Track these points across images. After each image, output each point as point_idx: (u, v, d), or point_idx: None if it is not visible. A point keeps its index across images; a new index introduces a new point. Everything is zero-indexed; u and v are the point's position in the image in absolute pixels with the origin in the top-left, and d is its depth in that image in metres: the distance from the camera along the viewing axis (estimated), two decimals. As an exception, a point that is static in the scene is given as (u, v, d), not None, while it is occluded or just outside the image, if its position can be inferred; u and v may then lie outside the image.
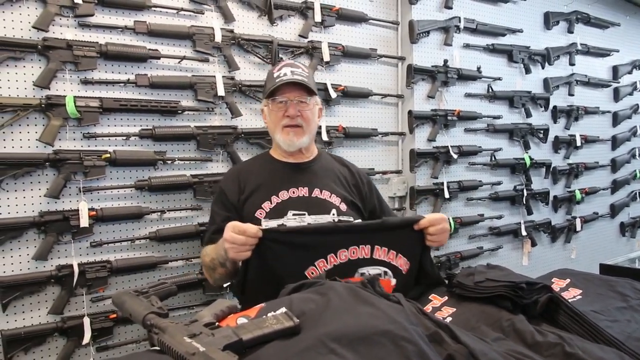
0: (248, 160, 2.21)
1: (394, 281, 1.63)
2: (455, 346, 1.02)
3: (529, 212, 3.76)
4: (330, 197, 1.89)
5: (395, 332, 0.93)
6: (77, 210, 2.05)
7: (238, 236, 1.51)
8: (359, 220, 1.90)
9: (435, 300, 1.55)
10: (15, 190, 1.98)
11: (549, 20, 3.86)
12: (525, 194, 3.68)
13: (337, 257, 1.58)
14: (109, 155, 2.12)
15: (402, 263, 1.65)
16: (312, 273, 1.55)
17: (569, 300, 1.46)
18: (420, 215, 1.70)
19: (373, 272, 1.60)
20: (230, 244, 1.53)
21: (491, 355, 1.05)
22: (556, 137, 3.98)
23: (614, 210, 4.57)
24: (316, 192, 1.89)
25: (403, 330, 0.94)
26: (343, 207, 1.89)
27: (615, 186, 4.57)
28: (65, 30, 2.08)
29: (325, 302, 1.03)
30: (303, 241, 1.57)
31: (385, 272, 1.62)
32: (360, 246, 1.60)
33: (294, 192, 1.86)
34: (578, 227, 4.15)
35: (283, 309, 1.02)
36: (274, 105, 1.87)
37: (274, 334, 0.95)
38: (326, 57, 2.73)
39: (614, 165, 4.54)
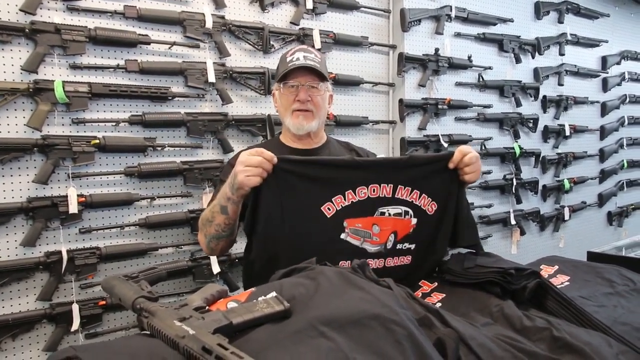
0: (257, 145, 2.18)
1: (414, 220, 1.58)
2: (444, 330, 1.02)
3: (518, 201, 3.79)
4: None
5: (385, 315, 0.93)
6: (66, 196, 2.04)
7: (253, 157, 1.45)
8: (383, 155, 1.83)
9: (425, 286, 1.56)
10: (3, 176, 1.97)
11: (540, 10, 3.87)
12: (514, 183, 3.71)
13: (355, 193, 1.52)
14: (98, 141, 2.10)
15: (425, 203, 1.58)
16: (329, 209, 1.50)
17: (557, 287, 1.48)
18: (449, 151, 1.62)
19: (393, 211, 1.55)
20: (243, 166, 1.45)
21: (480, 339, 1.06)
22: (545, 127, 4.00)
23: (602, 199, 4.62)
24: None
25: (393, 314, 0.94)
26: None
27: (603, 176, 4.61)
28: (53, 14, 2.05)
29: (315, 287, 1.04)
30: (319, 175, 1.51)
31: (407, 212, 1.57)
32: (382, 185, 1.54)
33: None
34: (566, 216, 4.20)
35: (273, 293, 1.02)
36: (285, 89, 1.85)
37: (265, 318, 0.95)
38: (317, 45, 2.72)
39: (602, 155, 4.58)
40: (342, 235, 1.52)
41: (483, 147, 3.53)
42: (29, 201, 1.99)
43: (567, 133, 4.13)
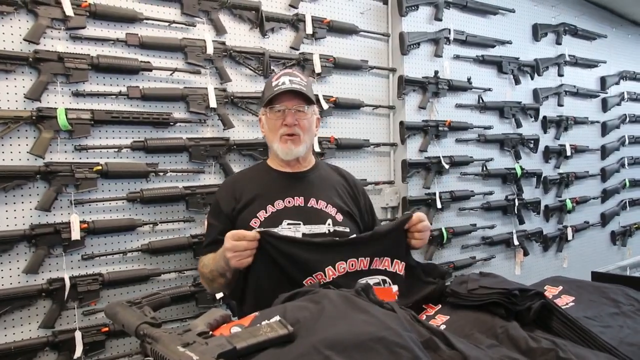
0: (245, 170, 2.20)
1: (395, 288, 1.61)
2: (449, 352, 1.01)
3: (521, 222, 3.78)
4: (326, 207, 1.89)
5: (389, 338, 0.93)
6: (69, 222, 2.04)
7: (239, 242, 1.52)
8: (353, 235, 1.90)
9: (429, 308, 1.55)
10: (6, 203, 1.97)
11: (538, 32, 3.93)
12: (516, 204, 3.70)
13: (335, 269, 1.57)
14: (100, 167, 2.11)
15: (400, 268, 1.63)
16: (311, 284, 1.54)
17: (562, 307, 1.47)
18: (407, 213, 1.70)
19: (372, 281, 1.57)
20: (232, 253, 1.53)
21: (485, 362, 1.05)
22: (546, 147, 4.02)
23: (605, 219, 4.61)
24: (312, 202, 1.88)
25: (397, 337, 0.94)
26: (339, 217, 1.89)
27: (606, 195, 4.62)
28: (56, 42, 2.08)
29: (320, 310, 1.03)
30: (300, 253, 1.57)
31: (384, 280, 1.61)
32: (360, 259, 1.59)
33: (289, 202, 1.85)
34: (569, 236, 4.18)
35: (277, 317, 1.02)
36: (271, 113, 1.86)
37: (268, 342, 0.94)
38: (317, 69, 2.75)
39: (604, 175, 4.59)
40: None
41: (484, 168, 3.54)
42: (31, 228, 1.99)
43: (568, 153, 4.15)
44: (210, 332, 1.00)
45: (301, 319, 1.02)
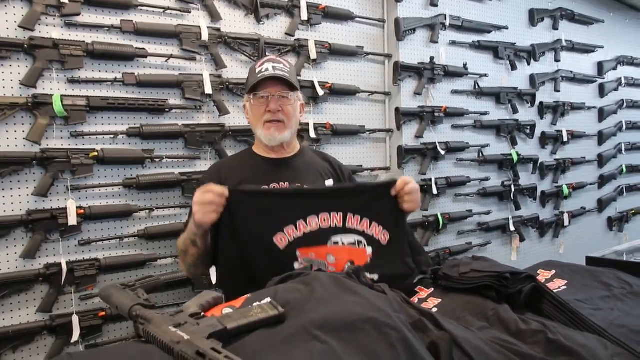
0: (230, 157, 2.22)
1: (369, 249, 1.61)
2: (438, 333, 1.03)
3: (517, 208, 3.80)
4: None
5: (378, 319, 0.94)
6: (65, 208, 2.06)
7: (205, 194, 1.52)
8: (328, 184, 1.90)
9: (422, 291, 1.56)
10: (3, 189, 1.99)
11: (534, 17, 3.91)
12: (513, 190, 3.71)
13: (307, 224, 1.56)
14: (96, 153, 2.12)
15: (377, 232, 1.62)
16: (281, 240, 1.54)
17: (554, 291, 1.48)
18: (391, 178, 1.69)
19: (347, 240, 1.59)
20: (198, 206, 1.52)
21: (474, 342, 1.06)
22: (543, 133, 4.02)
23: (602, 204, 4.63)
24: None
25: (387, 318, 0.95)
26: None
27: (602, 181, 4.63)
28: (51, 29, 2.08)
29: (310, 292, 1.05)
30: (270, 206, 1.56)
31: (360, 242, 1.61)
32: (332, 213, 1.58)
33: (275, 187, 1.87)
34: (566, 222, 4.20)
35: (268, 299, 1.03)
36: (255, 100, 1.87)
37: (259, 323, 0.96)
38: (313, 55, 2.75)
39: (601, 161, 4.59)
40: (295, 265, 1.55)
41: (480, 154, 3.54)
42: (28, 214, 2.01)
43: (565, 139, 4.15)
44: (202, 314, 1.01)
45: (292, 301, 1.03)
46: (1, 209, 1.98)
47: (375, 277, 1.57)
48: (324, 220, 1.58)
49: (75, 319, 2.05)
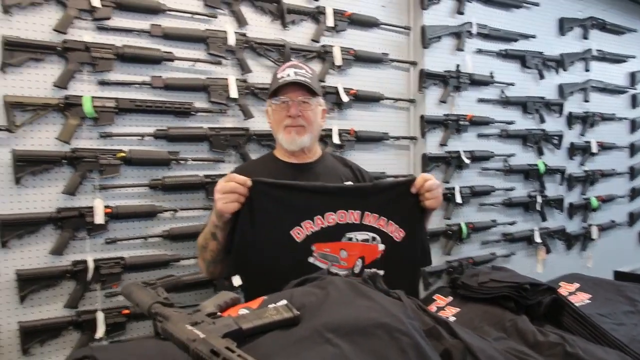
0: (252, 160, 2.25)
1: (381, 247, 1.63)
2: (452, 341, 1.03)
3: (543, 219, 3.74)
4: None
5: (391, 324, 0.95)
6: (92, 207, 2.10)
7: (227, 183, 1.53)
8: (349, 183, 1.91)
9: (440, 300, 1.56)
10: (34, 187, 2.04)
11: (564, 26, 3.86)
12: (539, 201, 3.66)
13: (324, 219, 1.58)
14: (124, 154, 2.17)
15: (392, 230, 1.64)
16: (298, 233, 1.56)
17: (577, 305, 1.47)
18: (412, 176, 1.69)
19: (361, 237, 1.61)
20: (219, 194, 1.53)
21: (489, 352, 1.06)
22: (571, 144, 3.95)
23: (633, 218, 4.51)
24: None
25: (399, 323, 0.96)
26: None
27: (634, 194, 4.51)
28: (83, 32, 2.13)
29: (325, 295, 1.06)
30: (291, 199, 1.58)
31: (374, 238, 1.62)
32: (350, 211, 1.60)
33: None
34: (594, 235, 4.11)
35: (284, 301, 1.05)
36: (276, 105, 1.89)
37: (273, 324, 0.97)
38: (338, 61, 2.76)
39: (632, 173, 4.48)
40: (310, 259, 1.58)
41: (506, 164, 3.51)
42: (58, 211, 2.06)
43: (594, 150, 4.07)
44: (219, 313, 1.03)
45: (307, 304, 1.04)
46: (32, 206, 2.04)
47: (382, 272, 1.59)
48: (342, 216, 1.60)
49: (100, 316, 2.09)
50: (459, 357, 0.99)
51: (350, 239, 1.60)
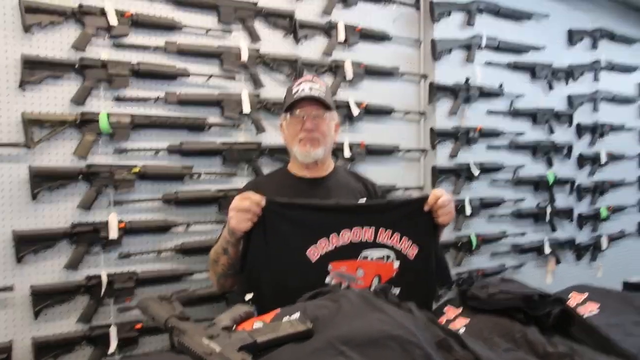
0: (265, 175, 2.28)
1: (396, 264, 1.64)
2: (462, 352, 1.05)
3: (553, 230, 3.74)
4: None
5: (403, 336, 0.97)
6: (107, 222, 2.13)
7: (242, 202, 1.56)
8: (363, 199, 1.92)
9: (450, 312, 1.58)
10: (51, 202, 2.08)
11: (573, 37, 3.87)
12: (548, 211, 3.66)
13: (339, 237, 1.60)
14: (138, 169, 2.20)
15: (406, 246, 1.66)
16: (314, 253, 1.58)
17: (586, 315, 1.48)
18: (425, 194, 1.71)
19: (376, 255, 1.62)
20: (233, 212, 1.56)
21: (498, 363, 1.08)
22: (580, 154, 3.95)
23: (643, 228, 4.50)
24: None
25: (411, 335, 0.98)
26: None
27: (644, 204, 4.50)
28: (100, 50, 2.18)
29: (337, 308, 1.08)
30: (305, 218, 1.60)
31: (388, 256, 1.64)
32: (364, 228, 1.62)
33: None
34: (604, 245, 4.09)
35: (297, 314, 1.08)
36: (291, 119, 1.93)
37: (287, 337, 1.00)
38: (349, 75, 2.80)
39: (642, 183, 4.47)
40: (327, 280, 1.59)
41: (515, 175, 3.52)
42: (72, 226, 2.09)
43: (603, 160, 4.06)
44: (234, 327, 1.06)
45: (320, 317, 1.07)
46: (48, 221, 2.08)
47: (397, 290, 1.60)
48: (356, 234, 1.61)
49: (113, 330, 2.11)
50: (469, 368, 1.01)
51: (365, 257, 1.62)
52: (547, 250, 3.66)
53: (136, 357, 0.99)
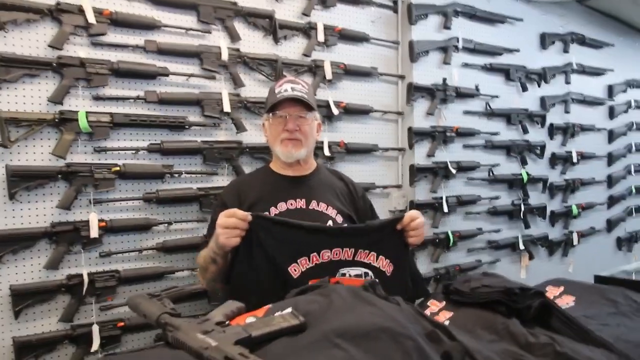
0: (248, 174, 2.29)
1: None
2: (451, 344, 1.08)
3: (527, 226, 3.83)
4: (326, 209, 1.96)
5: (394, 329, 0.99)
6: (88, 221, 2.11)
7: (229, 219, 1.59)
8: (345, 225, 1.96)
9: (433, 305, 1.61)
10: (29, 202, 2.05)
11: (545, 40, 3.97)
12: (522, 209, 3.75)
13: (319, 256, 1.65)
14: (118, 168, 2.18)
15: (384, 264, 1.72)
16: (295, 270, 1.62)
17: (563, 307, 1.53)
18: (400, 214, 1.78)
19: (354, 272, 1.67)
20: (221, 229, 1.59)
21: (485, 353, 1.11)
22: (553, 154, 4.06)
23: (611, 225, 4.64)
24: (313, 204, 1.95)
25: (402, 328, 1.00)
26: (339, 219, 1.96)
27: (612, 201, 4.64)
28: (78, 48, 2.16)
29: (328, 303, 1.10)
30: (289, 236, 1.64)
31: (366, 273, 1.69)
32: (344, 249, 1.67)
33: (291, 204, 1.93)
34: (575, 241, 4.22)
35: (289, 309, 1.09)
36: (274, 119, 1.95)
37: (281, 331, 1.01)
38: (328, 75, 2.82)
39: (610, 181, 4.62)
40: None
41: (491, 174, 3.59)
42: (52, 226, 2.06)
43: (575, 160, 4.18)
44: (227, 322, 1.07)
45: (311, 311, 1.09)
46: (27, 221, 2.04)
47: None
48: (336, 254, 1.67)
49: (95, 329, 2.10)
50: (459, 358, 1.03)
51: (343, 274, 1.67)
52: (521, 246, 3.76)
53: (129, 354, 0.99)
